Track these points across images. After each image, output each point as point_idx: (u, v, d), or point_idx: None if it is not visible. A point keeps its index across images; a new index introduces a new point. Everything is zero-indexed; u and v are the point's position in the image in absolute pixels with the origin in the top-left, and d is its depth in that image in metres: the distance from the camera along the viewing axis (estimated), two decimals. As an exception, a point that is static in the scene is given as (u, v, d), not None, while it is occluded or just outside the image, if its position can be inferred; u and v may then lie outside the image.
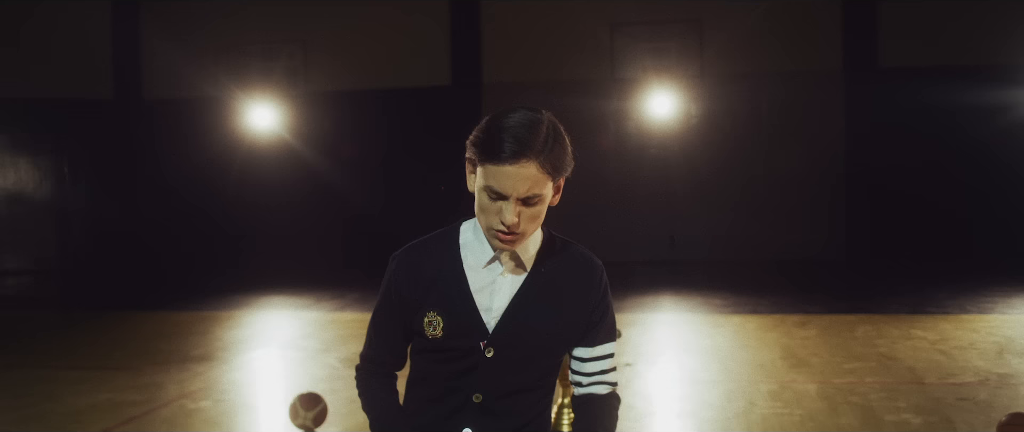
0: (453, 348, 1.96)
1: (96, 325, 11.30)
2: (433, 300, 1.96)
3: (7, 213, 17.90)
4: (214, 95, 17.18)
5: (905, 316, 10.00)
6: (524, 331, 1.95)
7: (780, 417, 6.10)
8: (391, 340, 2.08)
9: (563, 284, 1.99)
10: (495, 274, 1.95)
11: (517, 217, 1.86)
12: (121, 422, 6.38)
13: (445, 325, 1.95)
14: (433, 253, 2.01)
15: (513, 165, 1.84)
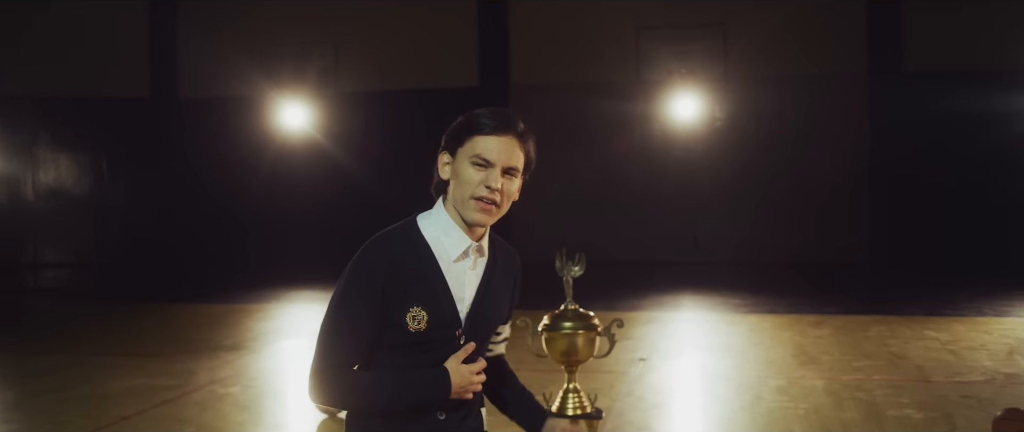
0: (432, 340, 2.12)
1: (131, 315, 11.72)
2: (416, 295, 2.08)
3: (48, 208, 18.42)
4: (247, 95, 17.61)
5: (920, 318, 10.13)
6: (486, 315, 2.16)
7: (785, 410, 6.31)
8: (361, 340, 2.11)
9: (504, 271, 2.21)
10: (465, 267, 2.14)
11: (500, 183, 2.07)
12: (155, 405, 6.71)
13: (429, 318, 2.09)
14: (405, 248, 2.12)
15: (498, 136, 2.08)
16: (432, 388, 2.08)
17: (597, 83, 16.69)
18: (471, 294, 2.14)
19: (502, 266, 2.21)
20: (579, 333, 4.38)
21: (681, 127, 16.23)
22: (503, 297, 2.21)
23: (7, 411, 6.66)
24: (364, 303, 2.09)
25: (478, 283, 2.15)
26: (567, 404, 4.51)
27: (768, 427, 5.94)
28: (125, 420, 6.29)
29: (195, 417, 6.37)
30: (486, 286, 2.16)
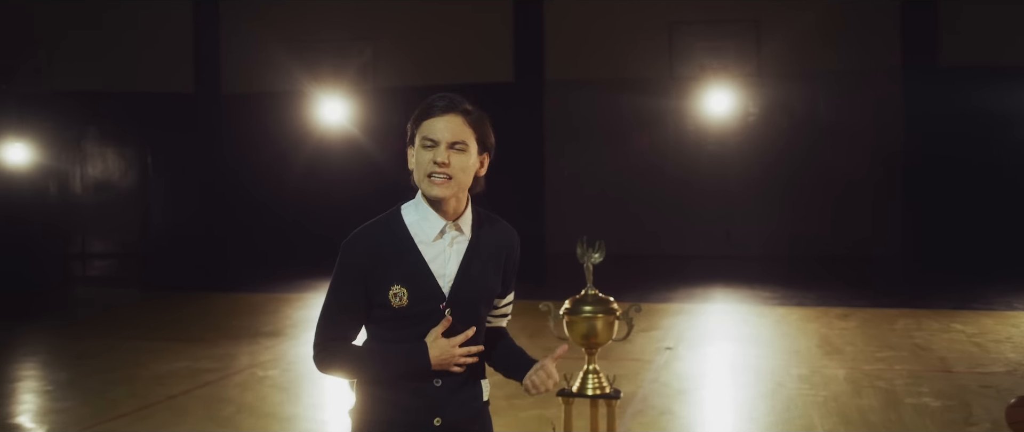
0: (417, 313, 2.29)
1: (175, 303, 12.14)
2: (395, 275, 2.28)
3: (96, 200, 18.95)
4: (287, 90, 17.98)
5: (948, 311, 10.20)
6: (472, 288, 2.33)
7: (804, 397, 6.47)
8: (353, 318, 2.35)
9: (493, 246, 2.38)
10: (444, 245, 2.32)
11: (447, 158, 2.27)
12: (198, 386, 7.04)
13: (409, 294, 2.28)
14: (384, 235, 2.34)
15: (442, 116, 2.28)
16: (413, 359, 2.26)
17: (631, 79, 16.84)
18: (454, 269, 2.32)
19: (488, 242, 2.36)
20: (599, 317, 4.60)
21: (714, 122, 16.32)
22: (490, 271, 2.37)
23: (60, 390, 7.02)
24: (350, 286, 2.32)
25: (460, 259, 2.33)
26: (587, 385, 4.73)
27: (786, 413, 6.11)
28: (171, 399, 6.61)
29: (236, 397, 6.68)
30: (468, 261, 2.33)
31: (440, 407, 2.30)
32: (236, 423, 5.95)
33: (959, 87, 15.29)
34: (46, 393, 7.01)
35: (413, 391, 2.30)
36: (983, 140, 15.27)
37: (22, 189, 17.69)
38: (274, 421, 6.03)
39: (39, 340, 9.66)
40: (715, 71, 15.96)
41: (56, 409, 6.42)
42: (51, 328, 10.49)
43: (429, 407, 2.30)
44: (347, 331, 2.34)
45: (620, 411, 6.13)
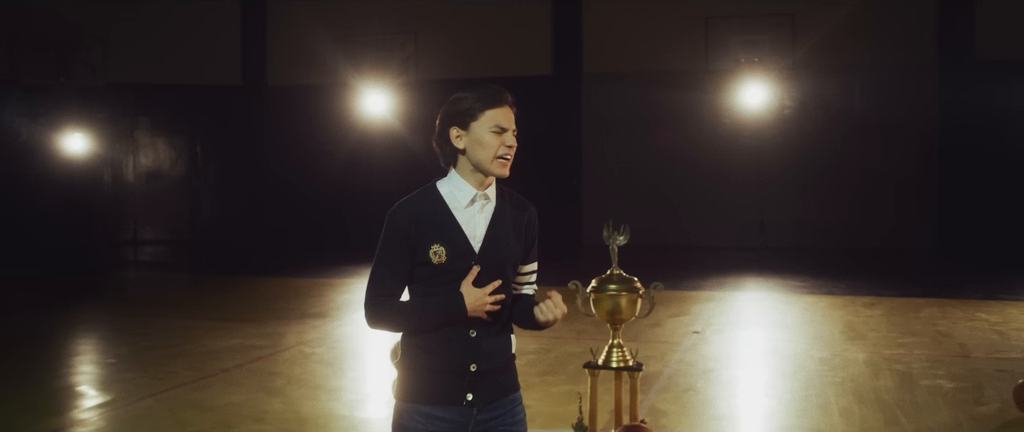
0: (453, 269, 2.64)
1: (225, 287, 12.67)
2: (435, 236, 2.64)
3: (147, 188, 19.64)
4: (331, 82, 18.50)
5: (975, 301, 10.40)
6: (498, 248, 2.69)
7: (823, 378, 6.78)
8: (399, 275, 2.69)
9: (514, 215, 2.74)
10: (474, 211, 2.68)
11: (512, 138, 2.66)
12: (250, 360, 7.51)
13: (447, 252, 2.63)
14: (423, 204, 2.70)
15: (506, 107, 2.66)
16: (451, 307, 2.63)
17: (667, 72, 17.11)
18: (483, 231, 2.69)
19: (509, 210, 2.73)
20: (623, 295, 4.99)
21: (749, 115, 16.55)
22: (512, 234, 2.73)
23: (123, 363, 7.52)
24: (396, 249, 2.67)
25: (487, 223, 2.70)
26: (611, 358, 5.12)
27: (803, 391, 6.42)
28: (225, 372, 7.08)
29: (285, 371, 7.14)
30: (494, 225, 2.69)
31: (475, 355, 2.67)
32: (286, 393, 6.39)
33: (995, 81, 15.39)
34: (109, 365, 7.52)
35: (452, 341, 2.66)
36: (1018, 134, 15.35)
37: (82, 177, 18.45)
38: (321, 392, 6.47)
39: (99, 318, 10.23)
40: (750, 65, 16.16)
41: (120, 378, 6.91)
42: (109, 308, 11.06)
43: (466, 355, 2.66)
44: (394, 289, 2.70)
45: (646, 388, 6.50)
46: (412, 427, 2.65)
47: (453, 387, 2.65)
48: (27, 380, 7.03)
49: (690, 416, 5.82)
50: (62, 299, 11.82)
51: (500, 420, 2.70)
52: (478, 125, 2.64)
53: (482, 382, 2.67)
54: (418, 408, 2.65)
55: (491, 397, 2.69)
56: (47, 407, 6.18)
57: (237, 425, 5.58)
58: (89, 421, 5.77)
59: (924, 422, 5.58)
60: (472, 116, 2.66)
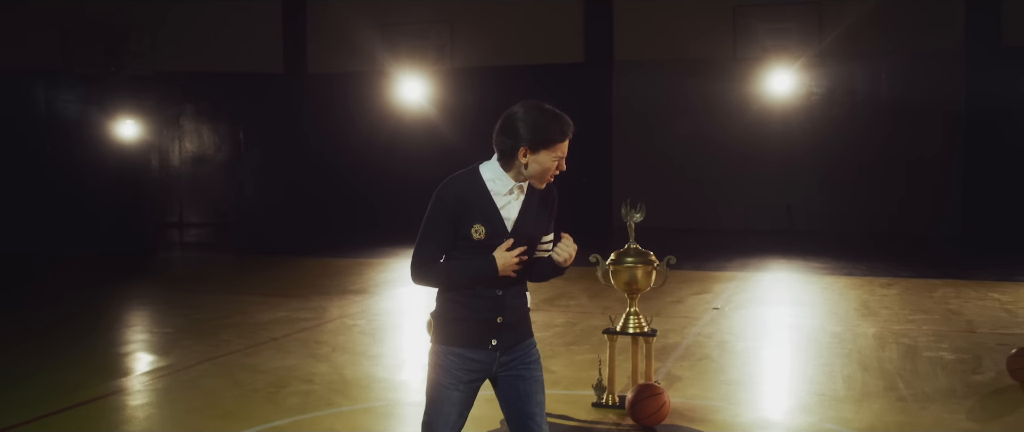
0: (490, 245, 3.14)
1: (268, 266, 13.30)
2: (477, 217, 3.13)
3: (192, 173, 20.38)
4: (369, 70, 19.07)
5: (990, 282, 10.73)
6: (526, 229, 3.20)
7: (832, 349, 7.21)
8: (442, 244, 3.18)
9: (540, 196, 3.24)
10: (510, 199, 3.17)
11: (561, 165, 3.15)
12: (297, 331, 8.08)
13: (486, 232, 3.13)
14: (468, 187, 3.18)
15: (567, 141, 3.15)
16: (486, 268, 3.15)
17: (696, 59, 17.48)
18: (515, 216, 3.20)
19: (538, 198, 3.24)
20: (639, 267, 5.49)
21: (777, 102, 16.88)
22: (540, 218, 3.25)
23: (179, 332, 8.13)
24: (441, 221, 3.16)
25: (519, 209, 3.20)
26: (628, 324, 5.63)
27: (812, 360, 6.86)
28: (273, 341, 7.66)
29: (330, 340, 7.70)
30: (525, 212, 3.20)
31: (501, 309, 3.19)
32: (332, 359, 6.95)
33: (1020, 67, 15.58)
34: (166, 334, 8.13)
35: (482, 298, 3.18)
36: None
37: (132, 162, 19.25)
38: (363, 358, 7.02)
39: (151, 293, 10.88)
40: (778, 53, 16.49)
41: (177, 345, 7.51)
42: (160, 284, 11.73)
43: (493, 309, 3.18)
44: (437, 254, 3.22)
45: (664, 356, 6.98)
46: (447, 365, 3.17)
47: (481, 334, 3.17)
48: (90, 346, 7.67)
49: (703, 381, 6.28)
50: (115, 276, 12.53)
51: (519, 360, 3.22)
52: (547, 153, 3.12)
53: (505, 331, 3.18)
54: (452, 350, 3.17)
55: (511, 343, 3.20)
56: (113, 368, 6.79)
57: (287, 385, 6.14)
58: (153, 380, 6.35)
59: (920, 388, 6.00)
60: (546, 145, 3.13)
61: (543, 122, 3.12)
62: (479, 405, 5.32)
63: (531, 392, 3.24)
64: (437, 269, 3.21)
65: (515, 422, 3.24)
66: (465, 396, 3.18)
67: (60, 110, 19.11)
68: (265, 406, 5.63)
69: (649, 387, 5.22)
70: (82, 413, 5.60)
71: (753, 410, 5.57)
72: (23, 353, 7.41)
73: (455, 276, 3.19)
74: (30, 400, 5.79)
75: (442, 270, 3.20)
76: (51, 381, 6.34)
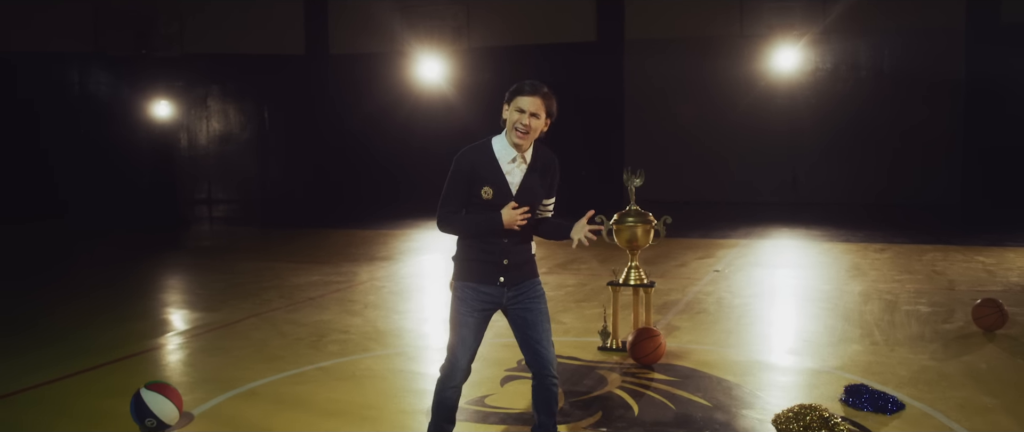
0: (496, 205, 3.85)
1: (298, 237, 14.06)
2: (486, 180, 3.83)
3: (219, 151, 21.17)
4: (388, 50, 19.76)
5: (978, 247, 11.37)
6: (527, 192, 3.89)
7: (819, 304, 7.90)
8: (460, 200, 3.89)
9: (542, 165, 3.92)
10: (514, 166, 3.86)
11: (528, 122, 3.81)
12: (331, 291, 8.84)
13: (493, 193, 3.84)
14: (480, 155, 3.88)
15: (529, 96, 3.81)
16: (493, 222, 3.84)
17: (704, 37, 18.08)
18: (519, 181, 3.90)
19: (540, 166, 3.93)
20: (638, 225, 6.19)
21: (782, 78, 17.49)
22: (541, 183, 3.93)
23: (222, 293, 8.90)
24: (459, 182, 3.89)
25: (522, 176, 3.90)
26: (630, 277, 6.33)
27: (798, 312, 7.56)
28: (311, 300, 8.41)
29: (361, 298, 8.45)
30: (527, 178, 3.90)
31: (506, 254, 3.90)
32: (364, 314, 7.70)
33: (1020, 43, 16.10)
34: (211, 295, 8.89)
35: (492, 244, 3.89)
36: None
37: (163, 141, 20.06)
38: (392, 313, 7.76)
39: (191, 262, 11.67)
40: (783, 30, 17.06)
41: (224, 304, 8.27)
42: (197, 254, 12.52)
43: (500, 253, 3.89)
44: (456, 208, 3.94)
45: (665, 310, 7.69)
46: (464, 297, 3.90)
47: (491, 272, 3.89)
48: (143, 305, 8.45)
49: (699, 330, 6.99)
50: (152, 247, 13.33)
51: (524, 295, 3.93)
52: (511, 105, 3.83)
53: (510, 271, 3.90)
54: (468, 284, 3.90)
55: (516, 280, 3.92)
56: (168, 322, 7.56)
57: (327, 335, 6.89)
58: (205, 331, 7.11)
59: (893, 335, 6.69)
60: (510, 98, 3.85)
61: (515, 85, 3.85)
62: (497, 349, 6.08)
63: (536, 321, 3.95)
64: (457, 220, 3.92)
65: (525, 345, 3.96)
66: (479, 322, 3.91)
67: (93, 91, 19.91)
68: (309, 351, 6.38)
69: (647, 330, 5.93)
70: (147, 359, 6.37)
71: (741, 352, 6.27)
72: (81, 312, 8.18)
73: (470, 226, 3.90)
74: (100, 348, 6.57)
75: (460, 221, 3.92)
76: (114, 334, 7.11)
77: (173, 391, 4.73)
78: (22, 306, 8.57)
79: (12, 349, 6.55)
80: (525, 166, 3.91)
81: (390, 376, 5.71)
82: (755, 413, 4.84)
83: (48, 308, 8.45)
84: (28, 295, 9.23)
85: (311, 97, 20.92)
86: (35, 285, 9.95)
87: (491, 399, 5.13)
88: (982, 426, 4.58)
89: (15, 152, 18.09)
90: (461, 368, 3.86)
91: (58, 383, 5.61)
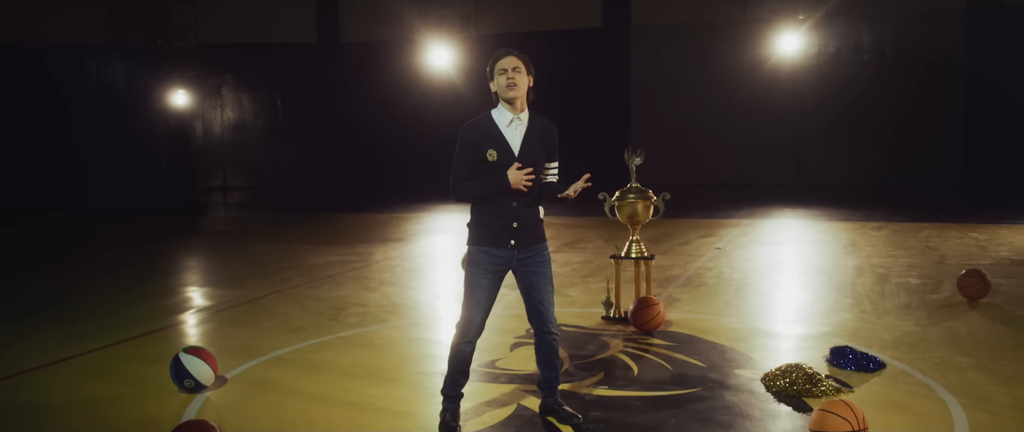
0: (502, 165, 4.23)
1: (313, 221, 14.48)
2: (489, 144, 4.22)
3: (233, 139, 21.60)
4: (398, 38, 20.13)
5: (973, 224, 11.72)
6: (529, 152, 4.25)
7: (814, 277, 8.27)
8: (469, 168, 4.27)
9: (540, 130, 4.30)
10: (513, 129, 4.24)
11: (514, 75, 4.18)
12: (348, 270, 9.25)
13: (498, 154, 4.22)
14: (482, 124, 4.28)
15: (510, 57, 4.19)
16: (501, 182, 4.20)
17: (709, 22, 18.39)
18: (519, 142, 4.28)
19: (537, 129, 4.30)
20: (639, 201, 6.57)
21: (785, 63, 17.80)
22: (539, 144, 4.30)
23: (244, 272, 9.32)
24: (466, 151, 4.28)
25: (522, 136, 4.28)
26: (631, 250, 6.71)
27: (795, 285, 7.93)
28: (329, 277, 8.83)
29: (377, 276, 8.86)
30: (527, 138, 4.28)
31: (515, 217, 4.28)
32: (381, 290, 8.11)
33: (1020, 24, 16.38)
34: (232, 274, 9.31)
35: (502, 208, 4.28)
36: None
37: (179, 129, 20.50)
38: (407, 289, 8.17)
39: (210, 244, 12.11)
40: (786, 15, 17.36)
41: (246, 282, 8.68)
42: (215, 237, 12.96)
43: (510, 216, 4.28)
44: (466, 175, 4.33)
45: (667, 284, 8.07)
46: (477, 260, 4.29)
47: (502, 235, 4.28)
48: (167, 283, 8.88)
49: (699, 301, 7.37)
50: (171, 231, 13.77)
51: (532, 258, 4.32)
52: (494, 75, 4.23)
53: (520, 234, 4.28)
54: (480, 248, 4.29)
55: (526, 244, 4.30)
56: (193, 299, 7.97)
57: (346, 309, 7.29)
58: (230, 306, 7.52)
59: (882, 304, 7.06)
60: (491, 71, 4.26)
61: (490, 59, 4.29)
62: (507, 319, 6.48)
63: (539, 284, 4.34)
64: (468, 186, 4.32)
65: (528, 303, 4.36)
66: (492, 284, 4.29)
67: (110, 81, 20.35)
68: (330, 323, 6.79)
69: (647, 299, 6.31)
70: (178, 331, 6.79)
71: (737, 321, 6.65)
72: (109, 291, 8.61)
73: (481, 190, 4.29)
74: (132, 322, 6.99)
75: (471, 186, 4.31)
76: (145, 309, 7.53)
77: (209, 355, 5.14)
78: (48, 287, 9.01)
79: (47, 322, 6.97)
80: (524, 128, 4.27)
81: (407, 343, 6.11)
82: (746, 372, 5.22)
83: (73, 288, 8.88)
84: (54, 276, 9.67)
85: (323, 85, 21.33)
86: (59, 267, 10.39)
87: (501, 362, 5.52)
88: (955, 382, 4.95)
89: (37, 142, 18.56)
90: (475, 325, 4.26)
91: (100, 352, 6.03)
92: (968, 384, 4.91)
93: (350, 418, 4.55)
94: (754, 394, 4.79)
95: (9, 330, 6.80)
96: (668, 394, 4.83)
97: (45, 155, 18.68)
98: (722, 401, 4.69)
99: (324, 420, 4.51)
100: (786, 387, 4.83)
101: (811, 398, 4.66)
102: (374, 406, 4.72)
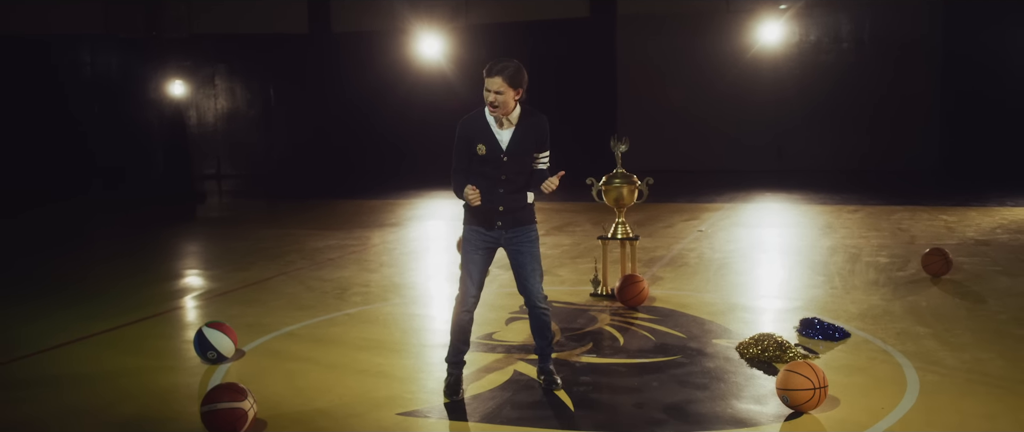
0: (492, 160, 4.67)
1: (309, 208, 14.89)
2: (480, 140, 4.65)
3: (226, 128, 21.95)
4: (388, 28, 20.49)
5: (945, 207, 12.24)
6: (518, 146, 4.70)
7: (790, 257, 8.76)
8: (463, 159, 4.73)
9: (529, 126, 4.74)
10: (501, 129, 4.67)
11: (495, 99, 4.61)
12: (347, 253, 9.69)
13: (486, 150, 4.66)
14: (475, 121, 4.69)
15: (491, 78, 4.62)
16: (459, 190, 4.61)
17: (693, 12, 18.84)
18: (507, 140, 4.71)
19: (527, 126, 4.73)
20: (624, 186, 7.03)
21: (767, 52, 18.27)
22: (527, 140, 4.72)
23: (246, 255, 9.75)
24: (462, 144, 4.73)
25: (510, 135, 4.71)
26: (617, 232, 7.18)
27: (772, 264, 8.42)
28: (331, 260, 9.26)
29: (376, 258, 9.31)
30: (515, 137, 4.70)
31: (501, 203, 4.74)
32: (381, 271, 8.55)
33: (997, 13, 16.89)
34: (238, 258, 9.73)
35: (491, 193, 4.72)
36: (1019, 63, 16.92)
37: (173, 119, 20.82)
38: (406, 270, 8.62)
39: (210, 231, 12.52)
40: (768, 4, 17.81)
41: (252, 265, 9.11)
42: (215, 224, 13.37)
43: (496, 202, 4.74)
44: (462, 165, 4.78)
45: (651, 264, 8.55)
46: (470, 239, 4.78)
47: (490, 218, 4.75)
48: (173, 267, 9.30)
49: (681, 279, 7.85)
50: (169, 219, 14.16)
51: (519, 238, 4.79)
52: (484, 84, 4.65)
53: (506, 216, 4.74)
54: (472, 228, 4.79)
55: (512, 225, 4.76)
56: (201, 281, 8.40)
57: (350, 289, 7.74)
58: (238, 287, 7.95)
59: (851, 281, 7.56)
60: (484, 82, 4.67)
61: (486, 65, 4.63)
62: (502, 297, 6.93)
63: (525, 262, 4.80)
64: (455, 180, 4.76)
65: (518, 280, 4.84)
66: (483, 258, 4.77)
67: (104, 72, 20.63)
68: (335, 301, 7.23)
69: (631, 277, 6.78)
70: (191, 311, 7.22)
71: (716, 297, 7.13)
72: (119, 275, 9.02)
73: (455, 188, 4.74)
74: (145, 303, 7.41)
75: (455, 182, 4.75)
76: (155, 291, 7.96)
77: (230, 329, 5.58)
78: (58, 271, 9.41)
79: (59, 304, 7.38)
80: (512, 127, 4.70)
81: (409, 319, 6.57)
82: (723, 342, 5.69)
83: (80, 273, 9.29)
84: (61, 261, 10.07)
85: (315, 74, 21.68)
86: (64, 252, 10.79)
87: (497, 335, 5.98)
88: (912, 348, 5.44)
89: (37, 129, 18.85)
90: (471, 294, 4.73)
91: (118, 330, 6.46)
92: (923, 350, 5.40)
93: (364, 382, 5.01)
94: (729, 360, 5.27)
95: (24, 311, 7.20)
96: (651, 361, 5.31)
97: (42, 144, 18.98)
98: (700, 366, 5.16)
99: (340, 385, 4.97)
100: (758, 354, 5.30)
101: (780, 364, 5.14)
102: (384, 373, 5.18)
